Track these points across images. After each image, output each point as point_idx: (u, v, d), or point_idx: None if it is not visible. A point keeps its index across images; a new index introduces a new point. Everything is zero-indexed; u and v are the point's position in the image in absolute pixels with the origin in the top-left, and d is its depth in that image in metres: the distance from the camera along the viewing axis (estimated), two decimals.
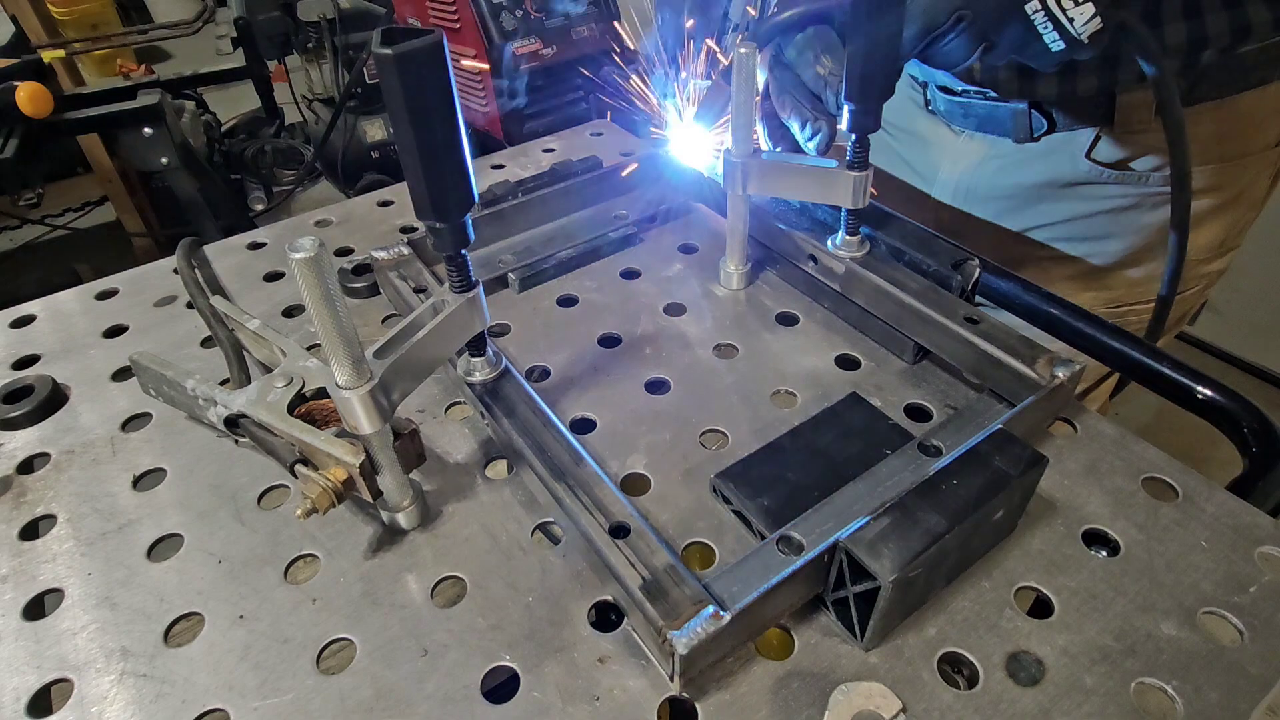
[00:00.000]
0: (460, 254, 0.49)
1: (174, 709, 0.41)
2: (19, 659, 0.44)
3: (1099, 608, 0.44)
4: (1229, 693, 0.40)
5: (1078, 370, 0.52)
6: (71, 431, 0.58)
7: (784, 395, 0.59)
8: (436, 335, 0.49)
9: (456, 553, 0.48)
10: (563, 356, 0.63)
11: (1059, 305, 0.63)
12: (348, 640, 0.44)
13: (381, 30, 0.39)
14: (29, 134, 1.64)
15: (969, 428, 0.48)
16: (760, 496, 0.49)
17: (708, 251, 0.75)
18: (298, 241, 0.37)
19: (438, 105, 0.41)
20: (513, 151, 0.94)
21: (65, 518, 0.52)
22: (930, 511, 0.42)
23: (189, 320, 0.69)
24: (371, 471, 0.46)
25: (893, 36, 0.53)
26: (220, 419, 0.51)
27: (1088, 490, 0.50)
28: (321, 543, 0.49)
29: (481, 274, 0.70)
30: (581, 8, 1.36)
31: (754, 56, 0.57)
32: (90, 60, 3.42)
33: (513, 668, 0.42)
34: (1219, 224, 0.85)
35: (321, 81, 2.42)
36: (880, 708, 0.37)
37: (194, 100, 2.24)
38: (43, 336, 0.68)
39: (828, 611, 0.44)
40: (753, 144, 0.62)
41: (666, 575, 0.41)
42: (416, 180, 0.43)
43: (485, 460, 0.55)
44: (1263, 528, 0.47)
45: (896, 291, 0.59)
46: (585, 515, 0.45)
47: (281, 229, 0.82)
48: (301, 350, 0.54)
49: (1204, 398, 0.55)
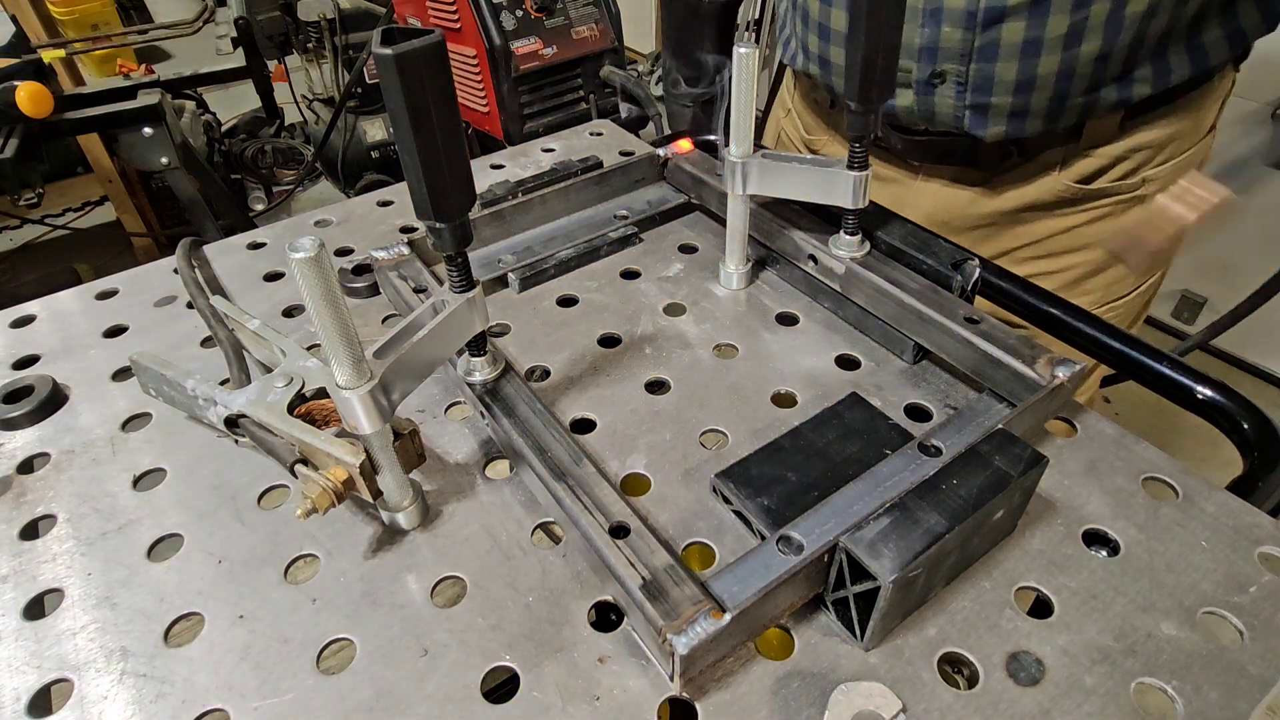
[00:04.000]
0: (460, 254, 0.49)
1: (174, 709, 0.41)
2: (19, 659, 0.44)
3: (1099, 608, 0.44)
4: (1229, 693, 0.40)
5: (1078, 370, 0.52)
6: (71, 431, 0.58)
7: (784, 395, 0.59)
8: (436, 335, 0.49)
9: (456, 553, 0.48)
10: (563, 356, 0.63)
11: (1059, 305, 0.63)
12: (348, 640, 0.44)
13: (381, 30, 0.39)
14: (29, 134, 1.64)
15: (969, 428, 0.48)
16: (760, 496, 0.49)
17: (708, 251, 0.75)
18: (298, 241, 0.37)
19: (438, 105, 0.41)
20: (513, 151, 0.94)
21: (65, 518, 0.52)
22: (930, 511, 0.42)
23: (189, 320, 0.69)
24: (371, 471, 0.46)
25: (894, 35, 0.53)
26: (220, 419, 0.51)
27: (1088, 490, 0.50)
28: (321, 543, 0.49)
29: (481, 274, 0.70)
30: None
31: (754, 56, 0.57)
32: (90, 60, 3.42)
33: (513, 668, 0.42)
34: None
35: (321, 81, 2.42)
36: (880, 708, 0.37)
37: (194, 100, 2.24)
38: (43, 336, 0.68)
39: (828, 611, 0.44)
40: (752, 144, 0.62)
41: (666, 575, 0.41)
42: (416, 181, 0.43)
43: (485, 460, 0.55)
44: (1263, 528, 0.47)
45: (896, 291, 0.59)
46: (585, 515, 0.45)
47: (281, 229, 0.82)
48: (301, 350, 0.54)
49: (1204, 398, 0.55)
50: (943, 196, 0.90)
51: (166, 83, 1.98)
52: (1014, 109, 0.77)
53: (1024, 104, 0.76)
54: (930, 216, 0.91)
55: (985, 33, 0.73)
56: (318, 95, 2.47)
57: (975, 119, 0.79)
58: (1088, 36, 0.71)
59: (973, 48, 0.75)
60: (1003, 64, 0.74)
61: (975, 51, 0.75)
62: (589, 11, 1.38)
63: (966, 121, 0.79)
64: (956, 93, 0.78)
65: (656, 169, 0.83)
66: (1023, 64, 0.74)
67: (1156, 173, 0.82)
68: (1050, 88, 0.75)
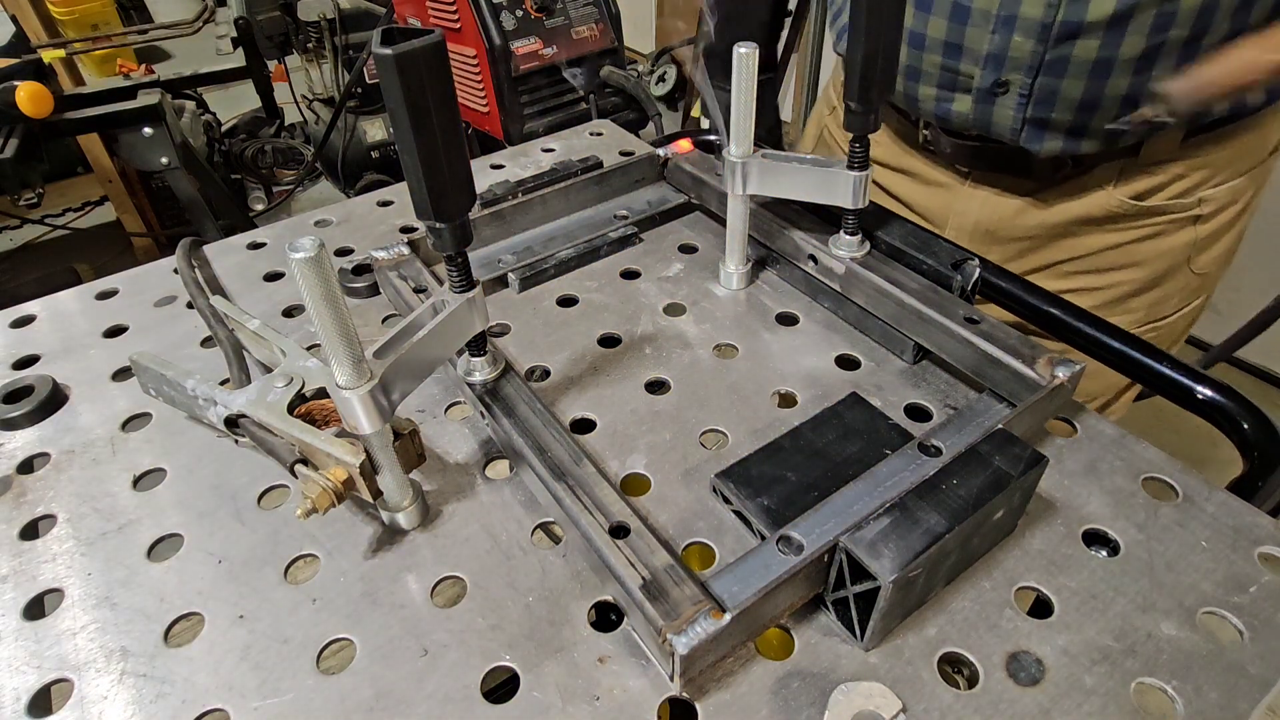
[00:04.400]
0: (460, 254, 0.49)
1: (174, 709, 0.41)
2: (19, 659, 0.44)
3: (1099, 608, 0.44)
4: (1229, 693, 0.40)
5: (1078, 370, 0.52)
6: (71, 431, 0.58)
7: (784, 395, 0.59)
8: (436, 335, 0.49)
9: (456, 553, 0.48)
10: (563, 356, 0.63)
11: (1059, 305, 0.63)
12: (348, 640, 0.44)
13: (381, 30, 0.39)
14: (29, 134, 1.64)
15: (969, 428, 0.48)
16: (760, 496, 0.49)
17: (708, 251, 0.75)
18: (298, 241, 0.37)
19: (438, 105, 0.41)
20: (513, 151, 0.94)
21: (65, 518, 0.52)
22: (930, 511, 0.42)
23: (189, 320, 0.69)
24: (371, 471, 0.46)
25: (894, 35, 0.53)
26: (220, 419, 0.51)
27: (1088, 490, 0.50)
28: (321, 543, 0.49)
29: (481, 274, 0.70)
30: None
31: (754, 56, 0.57)
32: (90, 60, 3.42)
33: (513, 668, 0.42)
34: (1233, 234, 0.85)
35: (321, 81, 2.42)
36: (880, 708, 0.37)
37: (194, 100, 2.24)
38: (43, 336, 0.68)
39: (828, 611, 0.44)
40: (752, 144, 0.62)
41: (666, 575, 0.41)
42: (416, 181, 0.43)
43: (485, 460, 0.55)
44: (1263, 528, 0.47)
45: (896, 291, 0.59)
46: (585, 515, 0.45)
47: (281, 229, 0.82)
48: (301, 350, 0.54)
49: (1204, 398, 0.55)
50: (992, 205, 0.87)
51: (166, 83, 1.98)
52: (1073, 126, 0.75)
53: (1085, 122, 0.74)
54: (977, 225, 0.88)
55: (1057, 47, 0.70)
56: (318, 95, 2.47)
57: (1032, 133, 0.76)
58: (1161, 62, 0.69)
59: (1042, 61, 0.72)
60: (1070, 80, 0.72)
61: (1044, 65, 0.72)
62: (589, 11, 1.38)
63: (1024, 135, 0.77)
64: (1018, 104, 0.75)
65: (656, 169, 0.83)
66: (1090, 83, 0.71)
67: (1214, 193, 0.79)
68: (1115, 108, 0.72)
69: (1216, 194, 0.80)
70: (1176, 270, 0.85)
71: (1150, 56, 0.69)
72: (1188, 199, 0.80)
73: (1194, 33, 0.67)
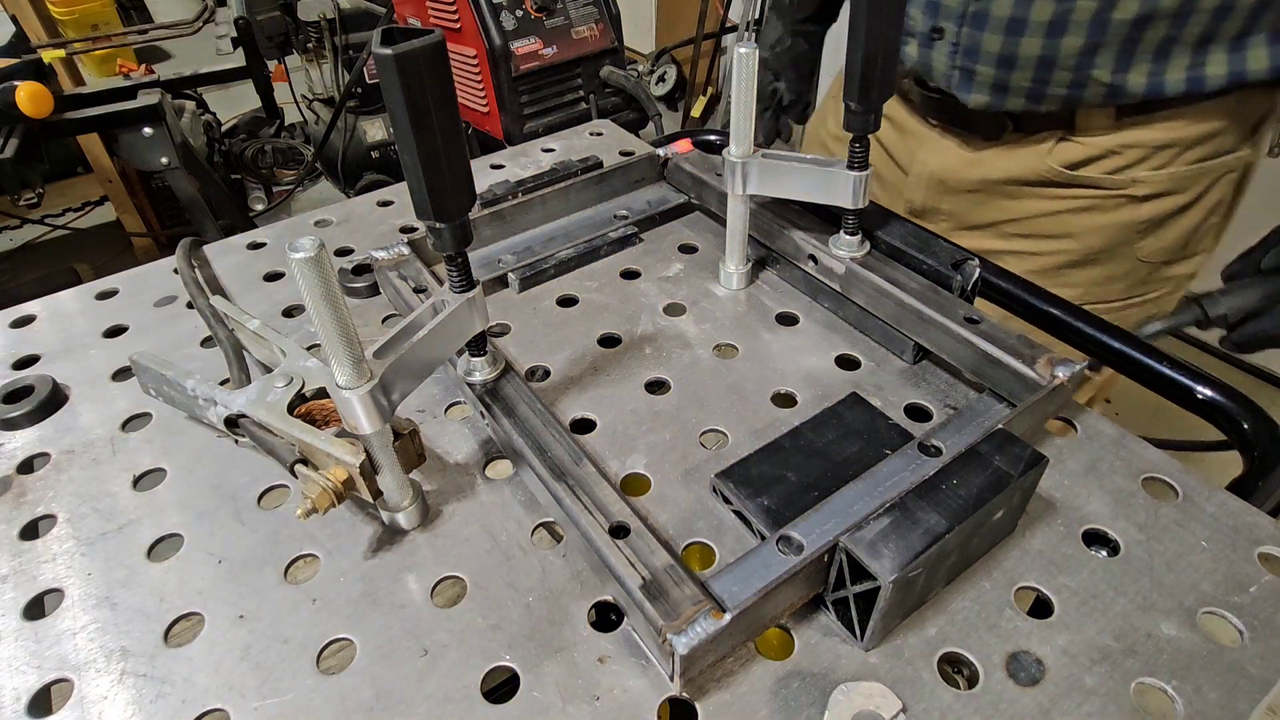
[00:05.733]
0: (460, 254, 0.49)
1: (174, 709, 0.41)
2: (19, 659, 0.44)
3: (1099, 608, 0.44)
4: (1229, 693, 0.40)
5: (1078, 370, 0.52)
6: (71, 431, 0.58)
7: (784, 395, 0.59)
8: (436, 335, 0.49)
9: (456, 553, 0.48)
10: (563, 356, 0.63)
11: (1059, 305, 0.63)
12: (348, 640, 0.44)
13: (381, 30, 0.39)
14: (29, 134, 1.64)
15: (969, 428, 0.48)
16: (760, 496, 0.49)
17: (708, 251, 0.75)
18: (298, 241, 0.37)
19: (438, 105, 0.41)
20: (513, 151, 0.94)
21: (65, 518, 0.52)
22: (930, 511, 0.42)
23: (189, 320, 0.69)
24: (371, 471, 0.46)
25: (894, 35, 0.53)
26: (220, 419, 0.51)
27: (1088, 490, 0.50)
28: (321, 543, 0.49)
29: (481, 274, 0.70)
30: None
31: (754, 56, 0.57)
32: (90, 60, 3.42)
33: (513, 668, 0.42)
34: (1178, 227, 0.87)
35: (321, 81, 2.42)
36: (880, 708, 0.37)
37: (194, 100, 2.23)
38: (43, 336, 0.68)
39: (828, 611, 0.44)
40: (752, 144, 0.62)
41: (666, 575, 0.41)
42: (416, 181, 0.43)
43: (485, 460, 0.55)
44: (1263, 528, 0.47)
45: (896, 291, 0.59)
46: (585, 515, 0.45)
47: (281, 229, 0.82)
48: (301, 350, 0.54)
49: (1204, 398, 0.55)
50: (947, 155, 0.93)
51: (166, 83, 1.97)
52: (996, 81, 0.81)
53: (1005, 79, 0.80)
54: (933, 174, 0.95)
55: (979, 1, 0.77)
56: (318, 95, 2.47)
57: (962, 83, 0.83)
58: (1071, 29, 0.74)
59: (967, 11, 0.79)
60: (989, 34, 0.78)
61: (969, 16, 0.79)
62: (589, 11, 1.38)
63: (955, 82, 0.84)
64: (950, 52, 0.82)
65: (656, 169, 0.83)
66: (1006, 39, 0.77)
67: (1149, 175, 0.83)
68: (1031, 69, 0.78)
69: (1153, 177, 0.83)
70: (1117, 251, 0.88)
71: (1060, 22, 0.74)
72: (1119, 176, 0.84)
73: (1102, 4, 0.72)
